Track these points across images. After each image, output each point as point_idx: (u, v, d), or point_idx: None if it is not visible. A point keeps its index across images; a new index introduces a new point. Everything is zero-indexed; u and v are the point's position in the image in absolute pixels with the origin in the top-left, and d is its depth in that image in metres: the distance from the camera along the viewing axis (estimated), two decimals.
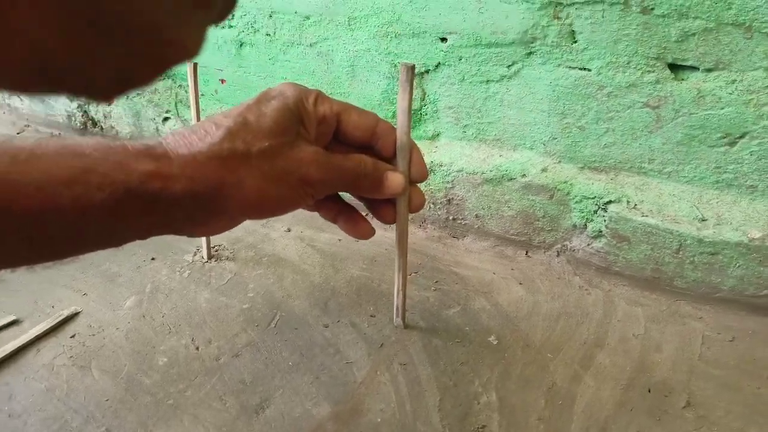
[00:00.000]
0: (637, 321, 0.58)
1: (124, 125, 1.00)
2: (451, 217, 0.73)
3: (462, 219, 0.72)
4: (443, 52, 0.67)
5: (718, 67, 0.54)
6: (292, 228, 0.76)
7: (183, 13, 0.17)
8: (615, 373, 0.51)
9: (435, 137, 0.74)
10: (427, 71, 0.70)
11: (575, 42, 0.59)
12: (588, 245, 0.65)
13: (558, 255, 0.68)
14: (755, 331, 0.56)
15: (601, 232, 0.63)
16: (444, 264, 0.69)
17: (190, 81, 0.61)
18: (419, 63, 0.69)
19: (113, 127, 1.02)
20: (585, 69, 0.60)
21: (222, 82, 0.89)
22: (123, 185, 0.32)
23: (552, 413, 0.47)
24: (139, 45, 0.17)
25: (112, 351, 0.53)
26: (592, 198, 0.62)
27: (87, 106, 1.04)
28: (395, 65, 0.71)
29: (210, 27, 0.19)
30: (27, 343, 0.53)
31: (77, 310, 0.59)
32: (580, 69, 0.60)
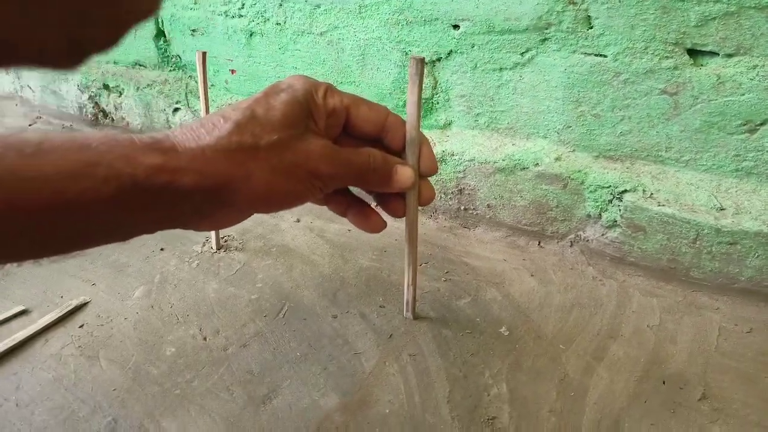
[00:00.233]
0: (652, 312, 0.57)
1: (134, 116, 1.00)
2: (463, 207, 0.72)
3: (473, 209, 0.71)
4: (455, 39, 0.66)
5: (738, 53, 0.52)
6: (301, 218, 0.76)
7: None
8: (629, 365, 0.50)
9: (447, 126, 0.72)
10: (439, 59, 0.68)
11: (591, 27, 0.58)
12: (602, 235, 0.63)
13: (571, 245, 0.66)
14: None
15: (616, 221, 0.61)
16: (455, 254, 0.68)
17: (198, 70, 0.60)
18: (431, 51, 0.68)
19: (124, 118, 1.02)
20: (601, 55, 0.59)
21: (232, 72, 0.89)
22: (130, 179, 0.31)
23: (564, 405, 0.46)
24: (88, 8, 0.15)
25: (120, 341, 0.53)
26: (607, 187, 0.61)
27: (98, 97, 1.05)
28: (406, 53, 0.70)
29: None
30: (35, 333, 0.53)
31: (86, 300, 0.59)
32: (595, 55, 0.59)
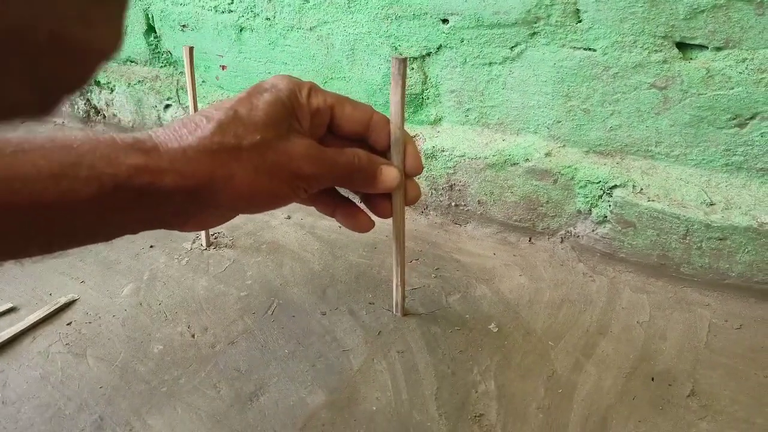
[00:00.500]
0: (642, 308, 0.57)
1: (126, 113, 0.99)
2: (454, 203, 0.72)
3: (464, 205, 0.71)
4: (445, 34, 0.66)
5: (728, 46, 0.52)
6: (292, 215, 0.75)
7: (84, 13, 0.15)
8: (618, 362, 0.50)
9: (437, 122, 0.72)
10: (429, 54, 0.68)
11: (580, 21, 0.58)
12: (593, 231, 0.63)
13: (562, 241, 0.66)
14: (764, 319, 0.55)
15: (606, 217, 0.61)
16: (445, 251, 0.67)
17: (186, 66, 0.60)
18: (420, 45, 0.68)
19: (115, 115, 1.02)
20: (590, 49, 0.58)
21: (223, 68, 0.88)
22: (111, 179, 0.31)
23: (552, 402, 0.46)
24: (48, 58, 0.15)
25: (107, 338, 0.53)
26: (597, 182, 0.61)
27: (89, 94, 1.04)
28: (396, 48, 0.70)
29: (125, 17, 0.17)
30: (23, 331, 0.53)
31: (74, 297, 0.58)
32: (584, 49, 0.59)
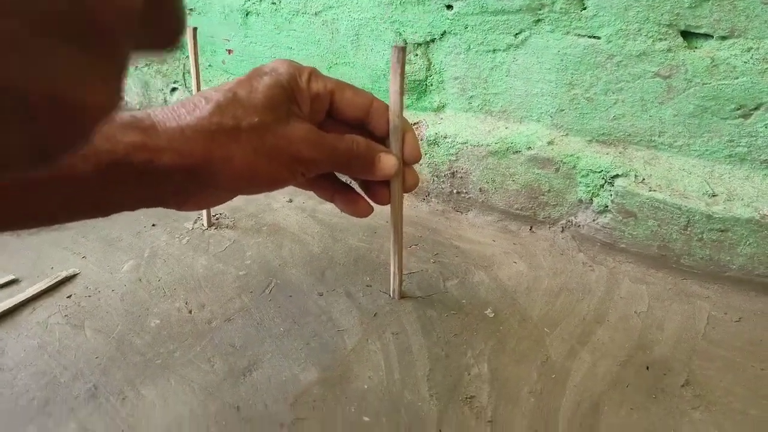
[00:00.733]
0: (641, 299, 0.56)
1: (133, 96, 1.00)
2: (455, 191, 0.72)
3: (466, 192, 0.71)
4: (449, 20, 0.65)
5: (733, 35, 0.51)
6: (294, 199, 0.76)
7: (80, 74, 0.14)
8: (613, 350, 0.50)
9: (440, 109, 0.72)
10: (433, 40, 0.68)
11: (584, 8, 0.57)
12: (593, 221, 0.63)
13: (563, 230, 0.66)
14: (764, 312, 0.54)
15: (607, 207, 0.61)
16: (445, 237, 0.67)
17: (189, 47, 0.60)
18: (425, 31, 0.68)
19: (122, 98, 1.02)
20: (594, 37, 0.58)
21: (229, 52, 0.88)
22: (108, 156, 0.31)
23: (544, 387, 0.46)
24: (43, 118, 0.14)
25: (106, 312, 0.53)
26: (599, 172, 0.60)
27: None
28: (400, 34, 0.70)
29: (124, 75, 0.16)
30: (23, 302, 0.54)
31: (75, 272, 0.59)
32: (589, 37, 0.58)
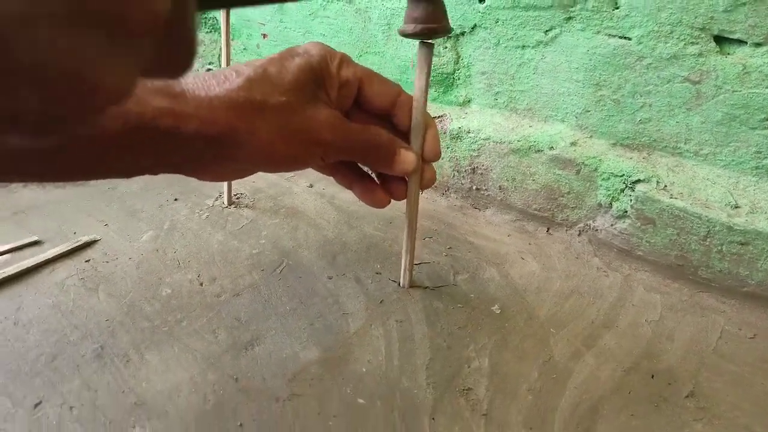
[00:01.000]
0: (654, 308, 0.55)
1: None
2: (475, 187, 0.71)
3: (485, 189, 0.71)
4: (480, 13, 0.65)
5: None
6: (314, 184, 0.76)
7: (103, 58, 0.15)
8: (619, 356, 0.49)
9: (466, 103, 0.72)
10: (463, 33, 0.68)
11: (617, 8, 0.56)
12: (611, 225, 0.62)
13: (579, 234, 0.65)
14: None
15: (626, 212, 0.60)
16: (460, 233, 0.67)
17: (222, 25, 0.62)
18: (455, 24, 0.67)
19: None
20: (625, 38, 0.57)
21: (264, 36, 0.90)
22: (136, 117, 0.32)
23: (544, 385, 0.45)
24: (62, 89, 0.15)
25: (120, 277, 0.55)
26: (620, 176, 0.59)
27: None
28: None
29: (140, 70, 0.17)
30: (43, 262, 0.56)
31: (96, 238, 0.61)
32: (619, 37, 0.57)
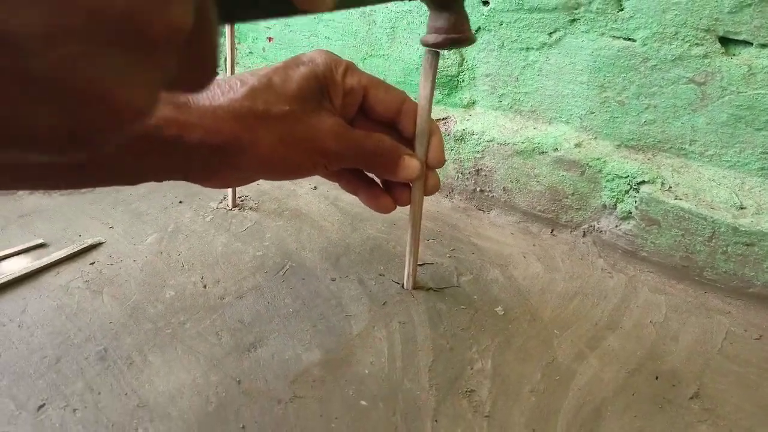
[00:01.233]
0: (658, 309, 0.55)
1: None
2: (479, 189, 0.71)
3: (489, 191, 0.70)
4: (484, 15, 0.65)
5: None
6: (318, 186, 0.76)
7: (125, 76, 0.15)
8: (623, 357, 0.49)
9: (470, 105, 0.72)
10: None
11: (621, 10, 0.56)
12: (616, 227, 0.61)
13: (584, 235, 0.65)
14: None
15: (631, 213, 0.59)
16: (464, 234, 0.67)
17: (227, 33, 0.62)
18: None
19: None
20: (629, 39, 0.57)
21: (269, 40, 0.90)
22: (141, 126, 0.33)
23: (547, 387, 0.45)
24: (83, 108, 0.15)
25: (125, 280, 0.55)
26: (625, 177, 0.59)
27: None
28: None
29: (161, 87, 0.17)
30: (48, 265, 0.56)
31: (101, 240, 0.61)
32: (624, 39, 0.57)
